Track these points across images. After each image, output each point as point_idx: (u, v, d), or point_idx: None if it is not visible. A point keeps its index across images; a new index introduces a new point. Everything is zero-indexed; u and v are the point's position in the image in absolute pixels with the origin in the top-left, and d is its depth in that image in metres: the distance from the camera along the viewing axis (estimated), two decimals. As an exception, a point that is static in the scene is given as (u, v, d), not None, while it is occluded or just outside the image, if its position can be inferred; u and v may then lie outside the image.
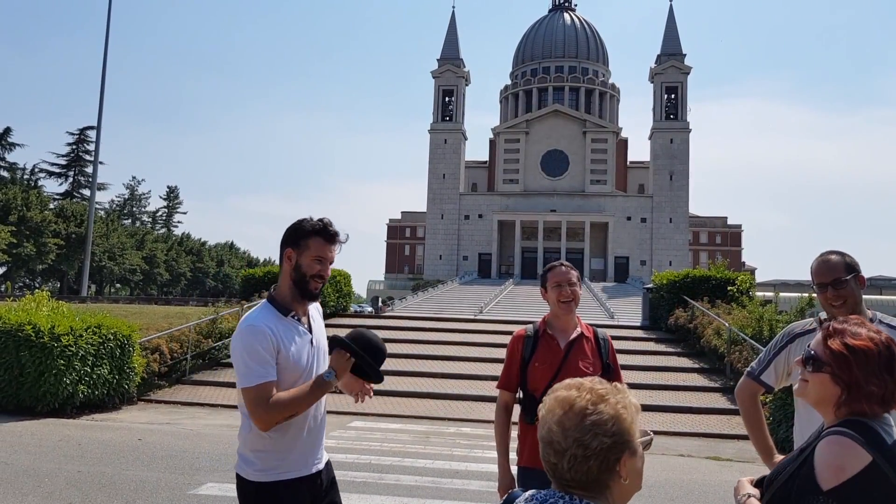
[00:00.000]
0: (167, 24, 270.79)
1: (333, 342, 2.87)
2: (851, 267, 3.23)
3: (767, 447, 3.25)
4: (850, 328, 1.98)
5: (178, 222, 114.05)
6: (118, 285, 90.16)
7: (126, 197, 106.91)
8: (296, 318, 2.88)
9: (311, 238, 2.86)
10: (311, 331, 2.92)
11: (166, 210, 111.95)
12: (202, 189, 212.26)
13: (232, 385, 15.50)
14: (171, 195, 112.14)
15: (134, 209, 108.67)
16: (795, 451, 2.11)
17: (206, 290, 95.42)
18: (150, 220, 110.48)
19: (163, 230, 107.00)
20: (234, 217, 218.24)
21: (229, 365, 16.86)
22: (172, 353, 15.48)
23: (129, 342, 13.55)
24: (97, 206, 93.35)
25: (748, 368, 3.47)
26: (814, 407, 2.03)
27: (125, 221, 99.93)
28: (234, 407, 13.89)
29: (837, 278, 3.18)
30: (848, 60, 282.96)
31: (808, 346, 2.04)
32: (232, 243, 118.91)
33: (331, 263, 2.93)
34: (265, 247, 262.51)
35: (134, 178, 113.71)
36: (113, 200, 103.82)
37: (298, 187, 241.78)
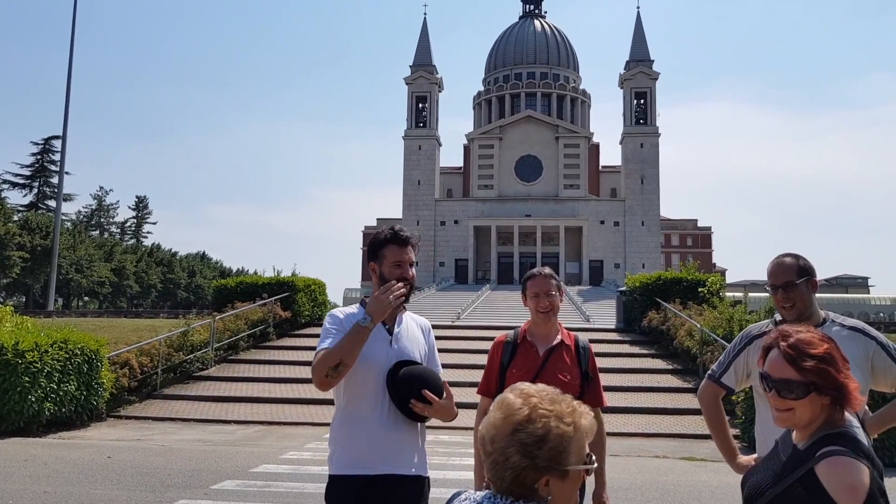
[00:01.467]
0: (135, 31, 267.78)
1: (391, 372, 3.02)
2: (805, 270, 3.28)
3: (731, 448, 3.27)
4: (797, 341, 2.00)
5: (148, 233, 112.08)
6: (86, 298, 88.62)
7: (93, 208, 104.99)
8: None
9: (385, 247, 3.11)
10: (391, 333, 3.08)
11: (135, 220, 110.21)
12: (172, 198, 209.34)
13: (204, 398, 15.30)
14: (141, 205, 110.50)
15: (102, 220, 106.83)
16: (770, 467, 2.10)
17: (177, 302, 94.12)
18: (118, 231, 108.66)
19: (132, 241, 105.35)
20: (206, 226, 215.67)
21: (201, 378, 16.65)
22: (142, 367, 15.21)
23: (97, 357, 13.29)
24: (63, 217, 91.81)
25: (709, 371, 3.50)
26: (803, 429, 2.02)
27: (93, 233, 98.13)
28: (208, 421, 13.72)
29: (789, 281, 3.23)
30: (813, 65, 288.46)
31: (772, 378, 2.01)
32: (204, 253, 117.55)
33: (411, 265, 3.12)
34: (238, 256, 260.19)
35: (101, 188, 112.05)
36: (80, 211, 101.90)
37: (272, 195, 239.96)
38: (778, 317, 3.39)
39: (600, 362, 15.82)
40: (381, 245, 3.12)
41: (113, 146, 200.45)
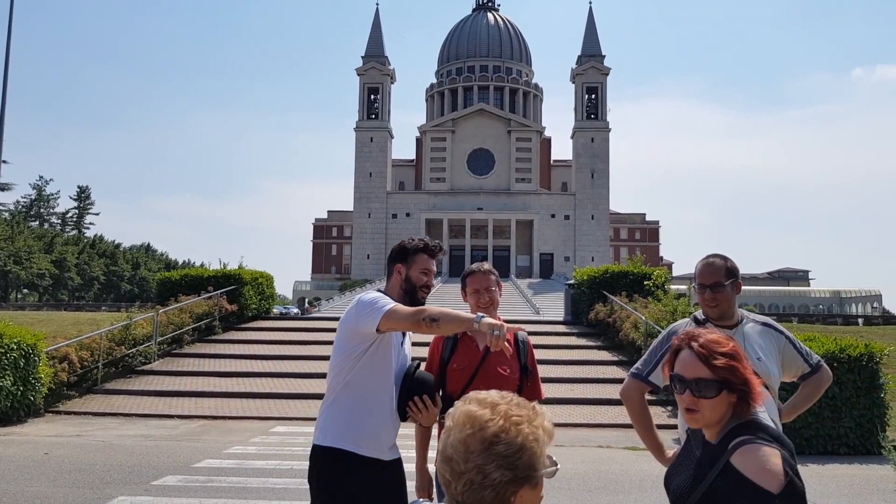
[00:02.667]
0: (76, 14, 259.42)
1: (410, 370, 3.27)
2: (731, 272, 3.41)
3: (658, 444, 3.38)
4: (707, 341, 2.08)
5: (91, 224, 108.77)
6: (25, 291, 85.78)
7: (33, 198, 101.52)
8: None
9: (418, 254, 3.38)
10: (404, 334, 3.34)
11: (77, 211, 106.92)
12: (116, 189, 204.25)
13: (147, 393, 14.99)
14: (83, 195, 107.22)
15: (42, 211, 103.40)
16: (687, 466, 2.17)
17: (120, 295, 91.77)
18: (59, 222, 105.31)
19: (73, 232, 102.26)
20: (151, 218, 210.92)
21: (144, 373, 16.30)
22: (82, 361, 14.81)
23: (35, 351, 12.89)
24: (1, 207, 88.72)
25: (633, 370, 3.60)
26: (711, 427, 2.10)
27: (32, 224, 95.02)
28: (150, 416, 13.45)
29: (717, 282, 3.36)
30: (756, 64, 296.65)
31: (685, 378, 2.07)
32: (149, 245, 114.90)
33: (434, 275, 3.45)
34: (185, 248, 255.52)
35: (41, 177, 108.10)
36: (18, 202, 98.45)
37: (220, 186, 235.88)
38: (699, 315, 3.53)
39: (548, 354, 15.96)
40: (415, 252, 3.39)
41: (53, 134, 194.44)
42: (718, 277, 3.37)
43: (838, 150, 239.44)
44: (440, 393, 3.54)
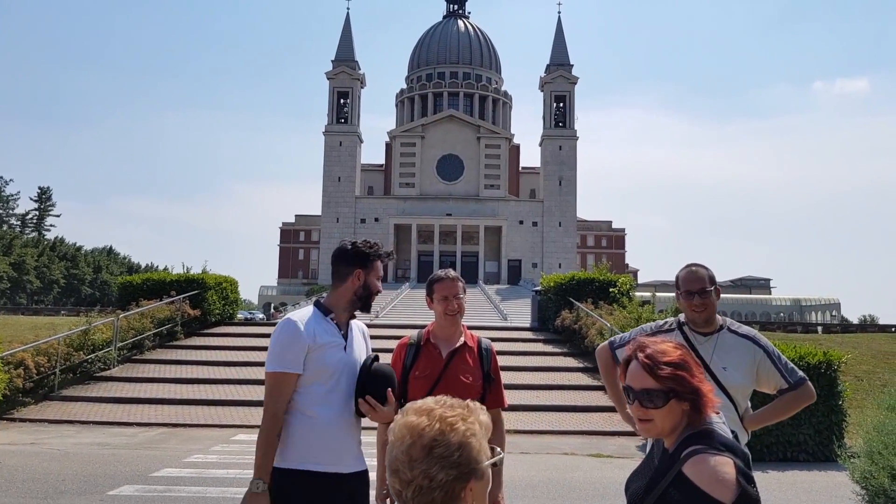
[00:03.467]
0: (38, 11, 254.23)
1: (366, 363, 3.19)
2: (713, 280, 3.61)
3: (621, 397, 3.56)
4: (653, 352, 2.10)
5: (51, 226, 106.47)
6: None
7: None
8: (334, 321, 3.21)
9: (376, 261, 3.35)
10: (346, 339, 3.22)
11: (37, 213, 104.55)
12: (78, 190, 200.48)
13: (105, 400, 14.68)
14: (44, 196, 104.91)
15: (1, 212, 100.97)
16: (646, 474, 2.16)
17: (81, 299, 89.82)
18: (19, 223, 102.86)
19: (33, 234, 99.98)
20: (114, 220, 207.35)
21: (103, 379, 15.95)
22: (39, 367, 14.42)
23: (-12, 357, 12.53)
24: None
25: (612, 338, 3.92)
26: (667, 436, 2.11)
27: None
28: (109, 423, 13.14)
29: (703, 288, 3.53)
30: (722, 75, 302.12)
31: (632, 388, 2.10)
32: (111, 248, 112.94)
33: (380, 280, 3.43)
34: (148, 251, 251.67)
35: (1, 178, 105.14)
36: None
37: (185, 188, 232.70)
38: (682, 317, 3.67)
39: (515, 361, 15.97)
40: (375, 258, 3.35)
41: (14, 134, 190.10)
42: (704, 284, 3.54)
43: (800, 160, 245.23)
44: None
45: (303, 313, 3.21)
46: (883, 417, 6.58)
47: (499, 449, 1.60)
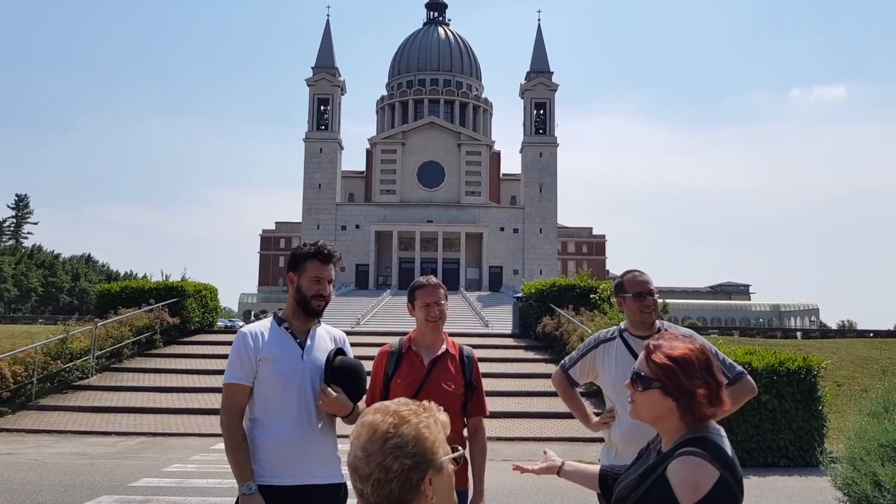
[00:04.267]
0: (15, 15, 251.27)
1: (328, 359, 3.15)
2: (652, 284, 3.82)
3: (584, 412, 4.02)
4: (666, 343, 2.13)
5: (29, 233, 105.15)
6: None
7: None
8: (289, 330, 3.17)
9: (308, 261, 3.17)
10: (302, 347, 3.16)
11: (14, 220, 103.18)
12: (56, 197, 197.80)
13: (83, 409, 14.48)
14: (21, 203, 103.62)
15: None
16: (636, 471, 2.17)
17: (59, 307, 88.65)
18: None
19: (10, 242, 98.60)
20: (92, 227, 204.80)
21: (81, 388, 15.75)
22: (15, 376, 14.24)
23: (-37, 366, 12.32)
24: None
25: (563, 361, 4.09)
26: (652, 425, 2.14)
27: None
28: (87, 433, 12.96)
29: (651, 290, 3.75)
30: (699, 82, 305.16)
31: (634, 369, 2.16)
32: (89, 255, 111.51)
33: (330, 282, 3.22)
34: (126, 259, 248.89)
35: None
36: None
37: (164, 195, 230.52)
38: (623, 325, 3.86)
39: (496, 367, 16.00)
40: (304, 259, 3.18)
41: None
42: (650, 286, 3.76)
43: (778, 166, 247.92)
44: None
45: (258, 324, 3.22)
46: (864, 423, 6.63)
47: (458, 447, 1.63)
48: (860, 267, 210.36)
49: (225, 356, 17.31)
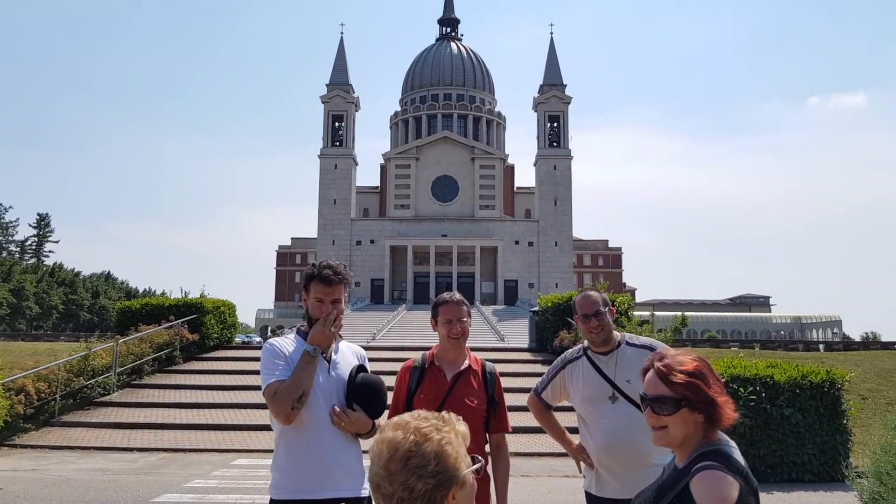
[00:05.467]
0: (35, 37, 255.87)
1: (351, 375, 3.21)
2: (606, 301, 3.90)
3: (562, 434, 4.17)
4: (669, 360, 2.14)
5: (50, 252, 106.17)
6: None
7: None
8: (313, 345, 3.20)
9: (312, 282, 3.21)
10: (329, 361, 3.21)
11: (36, 239, 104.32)
12: (77, 216, 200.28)
13: (105, 426, 14.61)
14: (42, 223, 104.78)
15: (0, 239, 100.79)
16: (653, 489, 2.19)
17: (80, 324, 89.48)
18: (18, 250, 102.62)
19: (33, 260, 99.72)
20: (112, 245, 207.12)
21: (103, 404, 15.89)
22: (39, 393, 14.40)
23: (-11, 384, 12.49)
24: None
25: (535, 385, 4.17)
26: (679, 446, 2.13)
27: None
28: (109, 449, 13.08)
29: (598, 310, 3.80)
30: (715, 92, 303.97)
31: (646, 395, 2.15)
32: (109, 273, 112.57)
33: (334, 302, 3.19)
34: (146, 276, 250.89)
35: (0, 205, 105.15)
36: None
37: (182, 213, 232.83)
38: (586, 343, 3.92)
39: (513, 382, 15.95)
40: (308, 279, 3.23)
41: (13, 161, 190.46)
42: (598, 306, 3.80)
43: (797, 176, 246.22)
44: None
45: (283, 338, 3.28)
46: (891, 437, 6.53)
47: (479, 457, 1.65)
48: (883, 277, 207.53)
49: (243, 372, 17.39)
